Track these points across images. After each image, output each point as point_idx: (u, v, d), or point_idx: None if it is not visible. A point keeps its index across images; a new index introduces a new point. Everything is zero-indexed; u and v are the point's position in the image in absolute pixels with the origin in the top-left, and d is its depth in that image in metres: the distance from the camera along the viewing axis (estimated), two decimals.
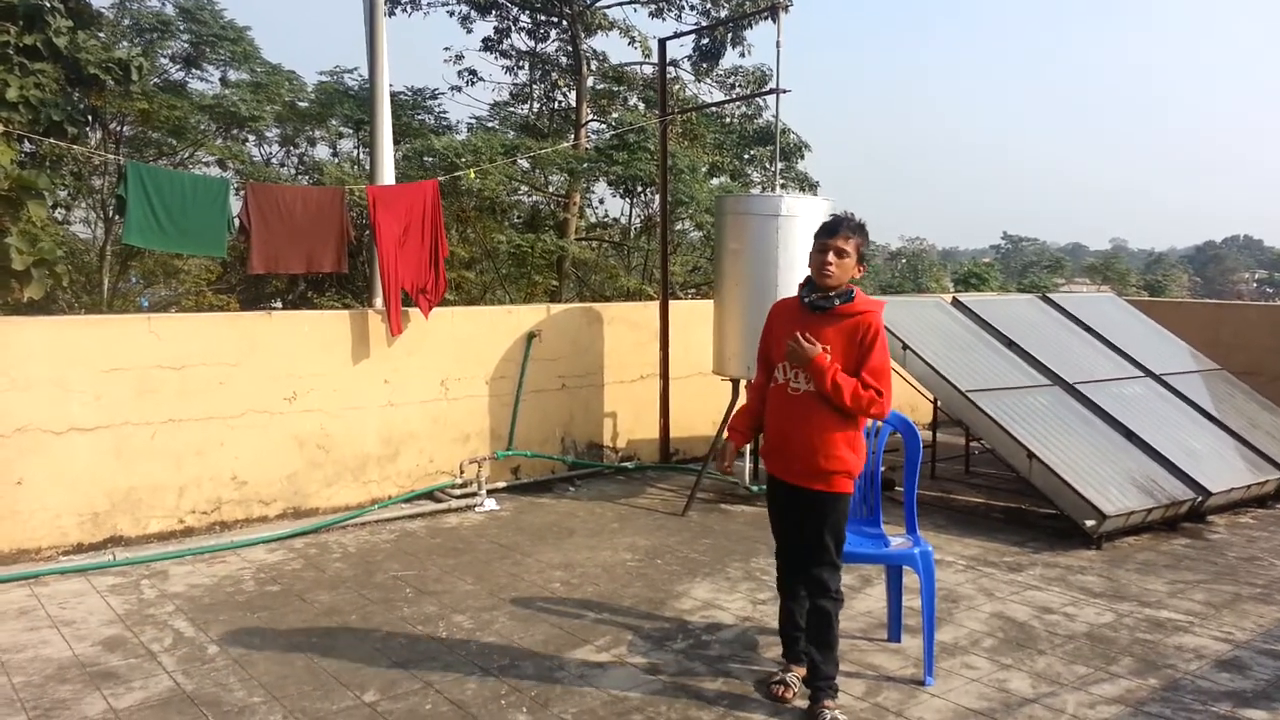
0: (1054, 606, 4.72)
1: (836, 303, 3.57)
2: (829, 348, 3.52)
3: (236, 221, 6.31)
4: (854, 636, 4.29)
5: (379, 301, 6.55)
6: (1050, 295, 8.44)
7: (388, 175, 6.83)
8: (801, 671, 3.78)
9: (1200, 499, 6.08)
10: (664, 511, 6.48)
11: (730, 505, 6.63)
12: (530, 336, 7.08)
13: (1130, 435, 6.43)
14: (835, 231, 3.56)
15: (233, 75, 18.11)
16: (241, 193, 6.30)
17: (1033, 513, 6.32)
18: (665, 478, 7.45)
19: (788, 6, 18.47)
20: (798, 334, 3.53)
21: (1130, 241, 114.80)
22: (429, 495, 6.58)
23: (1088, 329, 7.82)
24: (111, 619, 4.48)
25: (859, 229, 3.58)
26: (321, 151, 20.40)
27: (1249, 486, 6.44)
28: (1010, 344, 7.22)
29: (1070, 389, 6.83)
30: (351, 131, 19.20)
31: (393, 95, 18.54)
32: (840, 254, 3.54)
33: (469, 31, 19.94)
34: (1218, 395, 7.42)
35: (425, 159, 16.20)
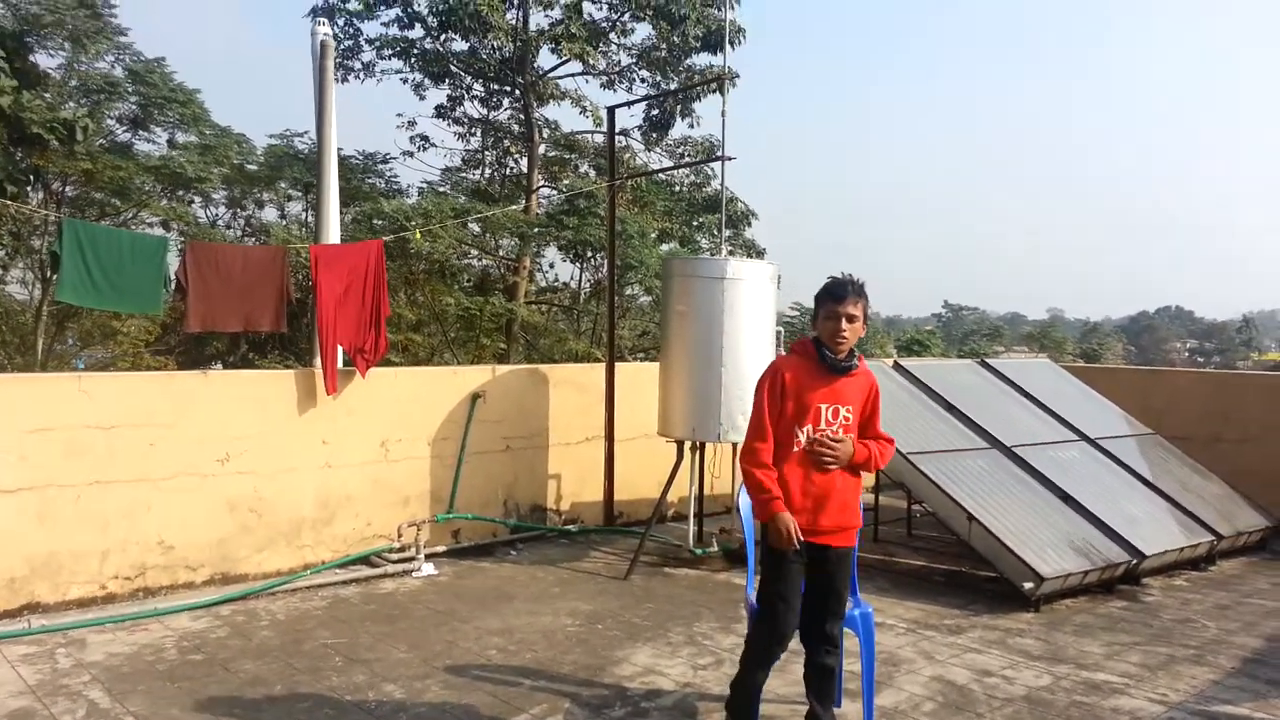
0: (993, 669, 4.72)
1: (856, 364, 3.68)
2: (852, 407, 3.66)
3: (174, 280, 6.22)
4: (794, 701, 4.22)
5: (318, 361, 6.46)
6: (988, 360, 8.61)
7: (333, 235, 6.79)
8: None
9: (1135, 561, 6.16)
10: (607, 575, 6.39)
11: (674, 569, 6.56)
12: (474, 397, 7.02)
13: (1066, 498, 6.52)
14: (844, 297, 3.59)
15: (181, 137, 18.05)
16: (181, 251, 6.20)
17: (973, 575, 6.34)
18: (609, 541, 7.37)
19: (734, 79, 18.98)
20: (828, 441, 3.58)
21: (1067, 311, 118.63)
22: (365, 560, 6.42)
23: (1024, 393, 7.97)
24: (21, 689, 4.26)
25: (862, 291, 3.64)
26: (269, 214, 20.32)
27: (1182, 549, 6.55)
28: (950, 407, 7.33)
29: (1008, 452, 6.93)
30: (300, 194, 19.18)
31: (343, 159, 18.65)
32: (851, 319, 3.59)
33: (422, 98, 20.14)
34: (1151, 459, 7.58)
35: (375, 221, 16.21)
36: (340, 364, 6.43)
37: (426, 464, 6.79)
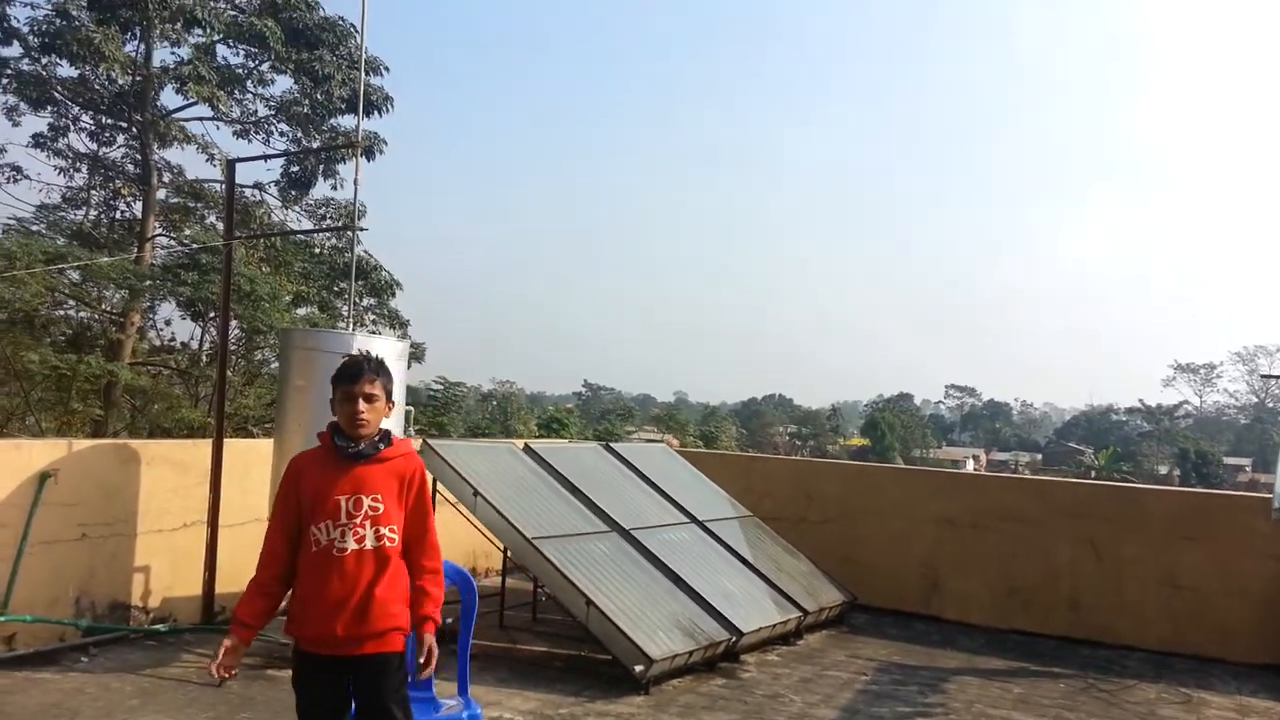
0: None
1: (382, 448, 3.33)
2: (380, 495, 3.30)
3: None
4: None
5: None
6: (611, 444, 9.00)
7: None
8: None
9: (734, 639, 6.62)
10: (198, 682, 5.69)
11: (278, 670, 5.98)
12: (44, 477, 6.04)
13: (677, 579, 6.89)
14: (359, 377, 3.28)
15: None
16: None
17: (591, 659, 6.45)
18: (206, 641, 6.59)
19: (378, 146, 18.63)
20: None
21: (690, 395, 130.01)
22: None
23: (643, 477, 8.40)
24: None
25: (380, 368, 3.35)
26: None
27: (775, 625, 7.15)
28: (574, 490, 7.52)
29: (626, 535, 7.21)
30: None
31: None
32: (370, 399, 3.29)
33: (16, 124, 17.67)
34: (750, 540, 8.28)
35: None
36: None
37: None
